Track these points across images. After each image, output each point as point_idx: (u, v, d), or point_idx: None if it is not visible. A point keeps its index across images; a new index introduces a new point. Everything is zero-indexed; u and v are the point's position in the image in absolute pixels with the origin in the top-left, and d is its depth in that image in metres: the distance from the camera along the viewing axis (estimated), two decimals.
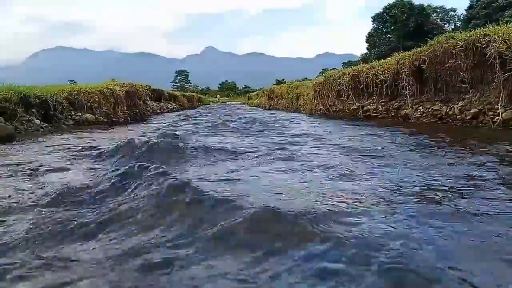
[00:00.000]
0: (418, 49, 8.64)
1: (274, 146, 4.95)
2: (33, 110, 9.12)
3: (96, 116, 11.35)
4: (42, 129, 8.82)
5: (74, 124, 10.38)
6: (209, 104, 50.01)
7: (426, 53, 8.11)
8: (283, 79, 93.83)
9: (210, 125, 9.66)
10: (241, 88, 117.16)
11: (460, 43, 7.08)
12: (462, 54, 7.08)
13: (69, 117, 10.51)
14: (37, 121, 8.98)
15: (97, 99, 11.47)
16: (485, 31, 6.79)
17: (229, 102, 64.48)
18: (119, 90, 12.80)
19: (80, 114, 10.91)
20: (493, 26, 7.17)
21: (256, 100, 38.16)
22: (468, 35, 7.06)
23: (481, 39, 6.64)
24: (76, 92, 11.08)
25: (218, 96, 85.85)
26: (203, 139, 5.93)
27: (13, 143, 6.38)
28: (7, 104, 8.16)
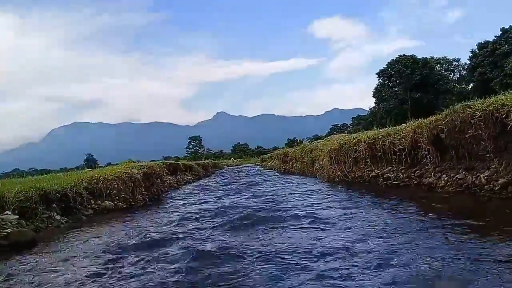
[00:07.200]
0: (434, 117, 8.54)
1: None
2: (53, 205, 9.11)
3: (115, 202, 11.32)
4: (62, 225, 8.74)
5: (93, 213, 10.31)
6: (223, 168, 50.53)
7: (444, 122, 8.00)
8: (294, 138, 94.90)
9: None
10: (254, 148, 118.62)
11: (478, 113, 6.98)
12: (482, 123, 6.96)
13: (88, 206, 10.47)
14: (57, 217, 8.92)
15: (116, 186, 11.51)
16: (502, 100, 6.69)
17: (243, 164, 66.08)
18: (137, 173, 12.89)
19: (99, 202, 10.89)
20: (508, 93, 7.10)
21: (270, 163, 38.47)
22: (485, 104, 6.96)
23: (500, 109, 6.54)
24: (95, 180, 11.14)
25: (232, 159, 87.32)
26: None
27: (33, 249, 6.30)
28: (28, 203, 8.17)
